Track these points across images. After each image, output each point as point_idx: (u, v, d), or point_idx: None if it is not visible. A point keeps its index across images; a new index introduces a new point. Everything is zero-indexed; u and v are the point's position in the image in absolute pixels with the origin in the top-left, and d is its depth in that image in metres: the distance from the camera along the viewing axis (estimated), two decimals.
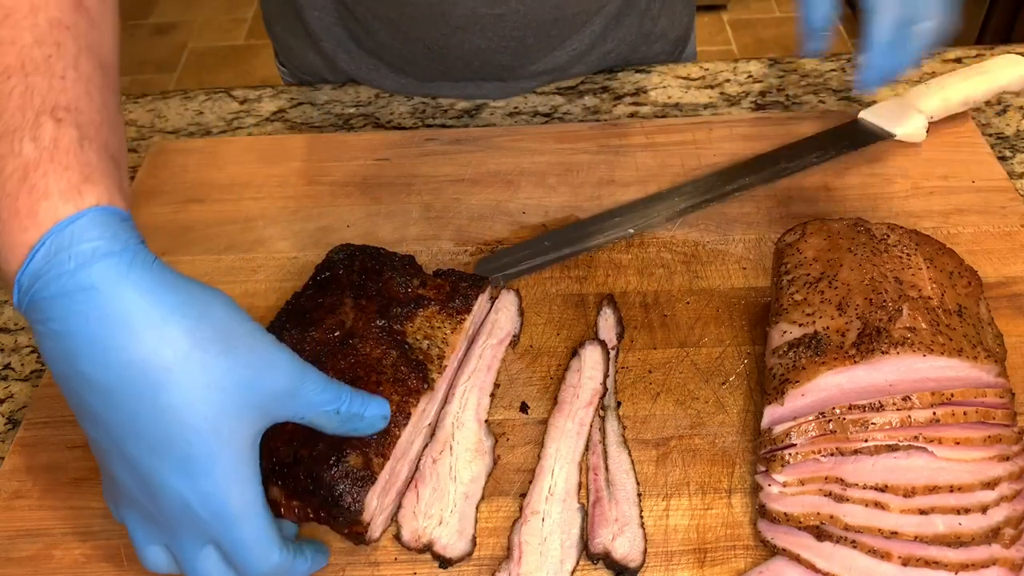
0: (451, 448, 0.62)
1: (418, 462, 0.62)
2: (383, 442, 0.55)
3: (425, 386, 0.59)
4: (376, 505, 0.55)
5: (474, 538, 0.58)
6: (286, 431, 0.55)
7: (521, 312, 0.71)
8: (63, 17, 0.51)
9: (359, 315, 0.63)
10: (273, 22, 1.03)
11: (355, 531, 0.55)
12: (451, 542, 0.57)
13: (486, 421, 0.64)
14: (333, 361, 0.59)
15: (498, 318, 0.70)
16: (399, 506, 0.59)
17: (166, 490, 0.46)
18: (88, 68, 0.51)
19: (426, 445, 0.63)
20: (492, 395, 0.66)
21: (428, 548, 0.57)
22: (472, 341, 0.69)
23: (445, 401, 0.65)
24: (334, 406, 0.51)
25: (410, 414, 0.57)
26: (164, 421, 0.45)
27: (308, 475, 0.54)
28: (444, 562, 0.57)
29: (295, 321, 0.63)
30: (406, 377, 0.59)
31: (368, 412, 0.53)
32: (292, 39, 1.00)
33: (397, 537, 0.58)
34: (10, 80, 0.47)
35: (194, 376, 0.45)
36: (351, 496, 0.53)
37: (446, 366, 0.62)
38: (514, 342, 0.70)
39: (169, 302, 0.45)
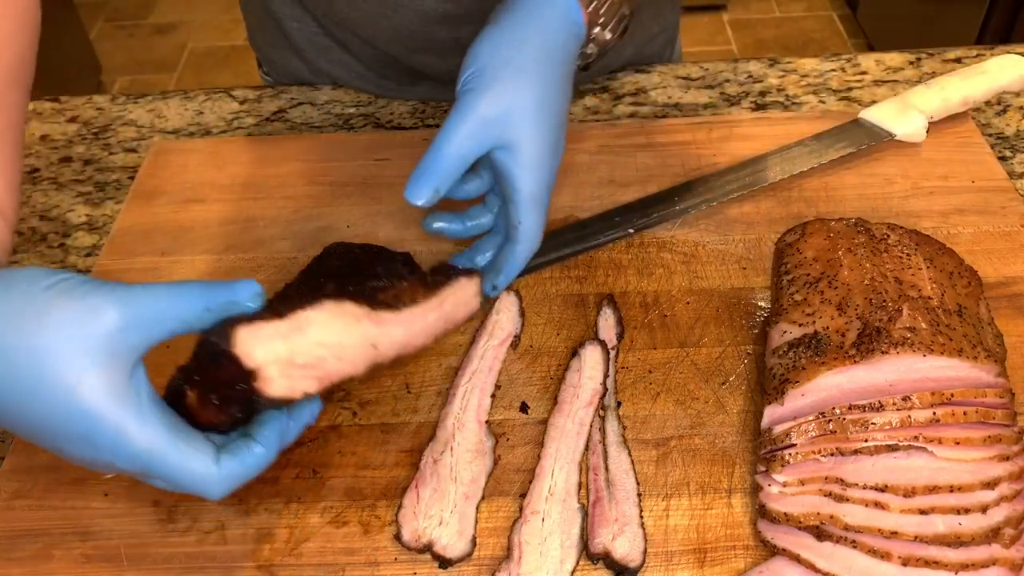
0: (452, 449, 0.62)
1: (419, 463, 0.62)
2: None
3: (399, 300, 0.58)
4: (265, 355, 0.49)
5: (474, 538, 0.58)
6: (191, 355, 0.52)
7: (522, 312, 0.71)
8: None
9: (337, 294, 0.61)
10: (255, 34, 1.03)
11: (238, 376, 0.49)
12: (451, 542, 0.57)
13: (487, 422, 0.64)
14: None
15: (499, 319, 0.70)
16: (329, 392, 0.56)
17: (88, 461, 0.47)
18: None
19: (430, 441, 0.63)
20: (492, 396, 0.66)
21: (428, 548, 0.57)
22: (473, 342, 0.69)
23: (404, 355, 0.62)
24: (200, 306, 0.48)
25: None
26: (34, 411, 0.46)
27: (199, 348, 0.51)
28: (444, 562, 0.57)
29: (270, 309, 0.59)
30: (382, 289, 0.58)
31: (239, 295, 0.49)
32: (274, 51, 1.01)
33: (397, 537, 0.58)
34: None
35: (22, 359, 0.45)
36: (218, 335, 0.48)
37: (416, 307, 0.59)
38: (515, 343, 0.70)
39: None
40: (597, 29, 0.67)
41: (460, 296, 0.65)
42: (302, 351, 0.51)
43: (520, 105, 0.62)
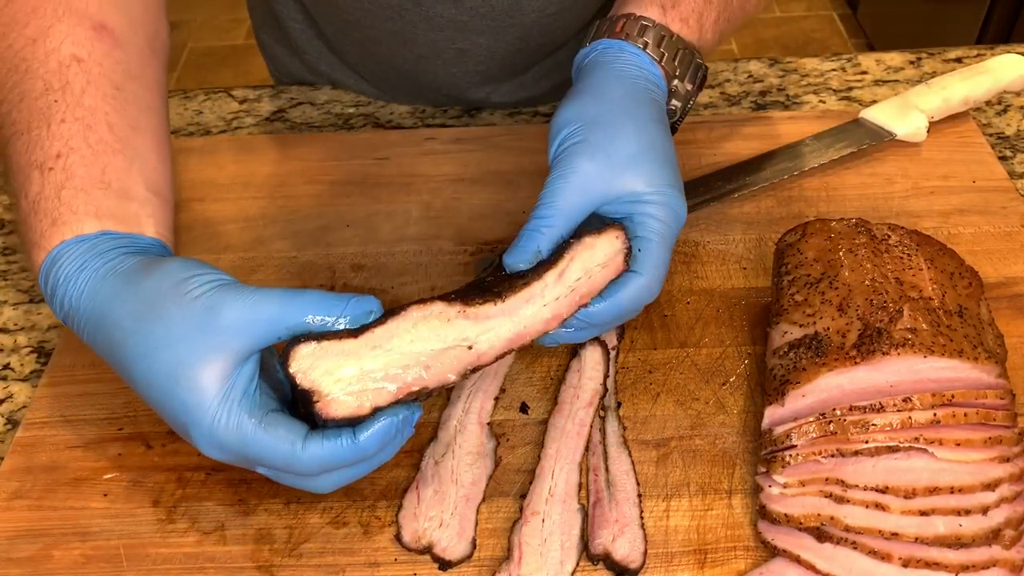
0: (453, 451, 0.62)
1: (419, 464, 0.62)
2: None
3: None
4: (319, 372, 0.49)
5: (474, 540, 0.58)
6: None
7: None
8: (77, 51, 0.58)
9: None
10: (260, 31, 1.04)
11: (311, 408, 0.49)
12: (451, 544, 0.57)
13: (488, 424, 0.64)
14: None
15: None
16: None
17: (205, 450, 0.50)
18: (95, 99, 0.57)
19: (431, 443, 0.63)
20: (496, 399, 0.66)
21: (428, 550, 0.57)
22: None
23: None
24: (309, 313, 0.49)
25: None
26: (153, 399, 0.50)
27: None
28: (444, 564, 0.57)
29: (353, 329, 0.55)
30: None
31: (353, 310, 0.50)
32: (278, 48, 1.02)
33: (397, 538, 0.58)
34: (20, 139, 0.56)
35: (141, 347, 0.50)
36: (284, 352, 0.49)
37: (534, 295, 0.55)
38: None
39: (109, 297, 0.51)
40: (676, 82, 0.65)
41: (595, 255, 0.57)
42: (377, 368, 0.49)
43: (622, 160, 0.58)
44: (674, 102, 0.65)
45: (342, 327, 0.49)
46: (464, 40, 0.86)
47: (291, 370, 0.49)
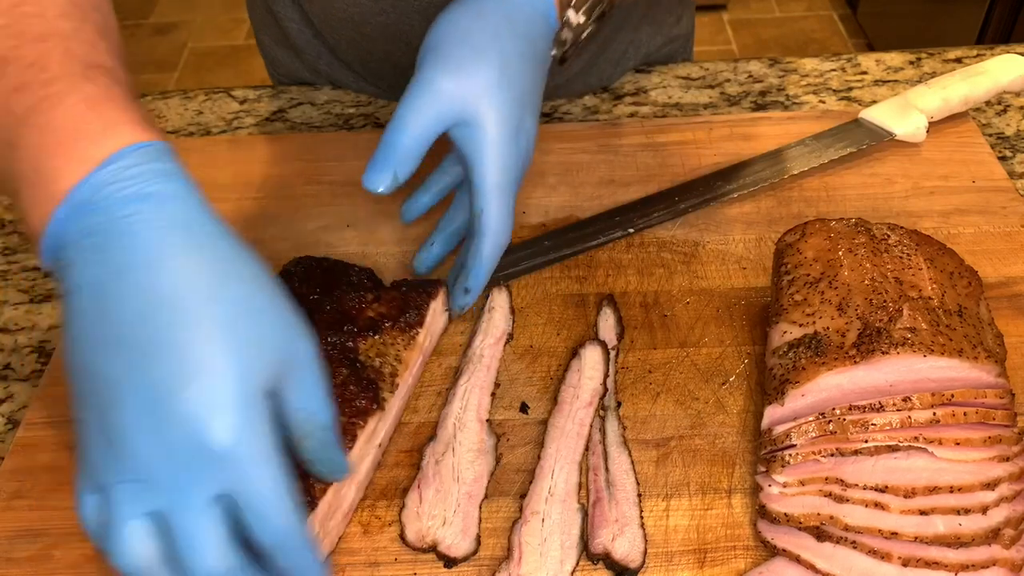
0: (453, 449, 0.62)
1: (420, 462, 0.62)
2: None
3: (375, 407, 0.58)
4: (318, 530, 0.54)
5: (478, 537, 0.58)
6: None
7: (512, 310, 0.71)
8: (79, 1, 0.52)
9: (311, 331, 0.62)
10: (260, 32, 1.04)
11: None
12: (455, 542, 0.57)
13: (487, 420, 0.64)
14: None
15: (492, 316, 0.70)
16: (347, 517, 0.59)
17: (181, 430, 0.41)
18: (112, 46, 0.51)
19: (427, 453, 0.63)
20: (493, 394, 0.66)
21: (433, 548, 0.57)
22: (469, 342, 0.69)
23: (398, 420, 0.64)
24: (323, 418, 0.47)
25: (356, 436, 0.56)
26: (181, 356, 0.42)
27: None
28: (449, 561, 0.57)
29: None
30: (355, 397, 0.58)
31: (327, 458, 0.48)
32: (277, 48, 1.02)
33: (401, 537, 0.58)
34: (47, 42, 0.48)
35: (208, 319, 0.43)
36: None
37: (398, 384, 0.61)
38: (508, 339, 0.70)
39: (203, 246, 0.45)
40: (570, 12, 0.63)
41: (434, 324, 0.68)
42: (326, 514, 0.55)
43: (478, 79, 0.59)
44: (565, 32, 0.64)
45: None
46: None
47: None
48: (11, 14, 0.49)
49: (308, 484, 0.53)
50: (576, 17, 0.63)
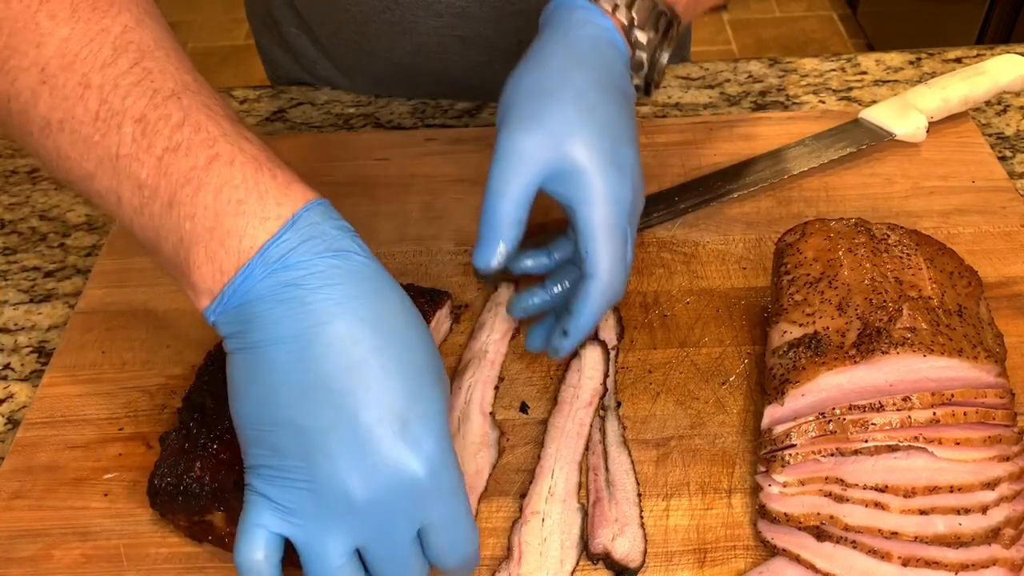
0: (457, 441, 0.62)
1: None
2: None
3: None
4: None
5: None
6: (225, 458, 0.55)
7: None
8: (180, 51, 0.52)
9: None
10: (259, 35, 1.04)
11: (296, 556, 0.54)
12: None
13: (490, 413, 0.64)
14: None
15: (499, 312, 0.70)
16: None
17: (394, 471, 0.44)
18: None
19: None
20: (496, 388, 0.66)
21: None
22: (472, 336, 0.69)
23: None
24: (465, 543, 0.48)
25: None
26: (390, 402, 0.45)
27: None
28: None
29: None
30: None
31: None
32: (276, 51, 1.02)
33: None
34: (182, 99, 0.47)
35: (409, 364, 0.46)
36: None
37: None
38: (515, 335, 0.70)
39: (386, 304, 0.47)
40: (636, 32, 0.59)
41: (437, 332, 0.68)
42: None
43: (557, 123, 0.55)
44: (639, 54, 0.60)
45: None
46: (465, 27, 0.85)
47: None
48: (135, 71, 0.48)
49: None
50: (643, 35, 0.60)
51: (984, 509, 0.53)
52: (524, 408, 0.66)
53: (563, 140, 0.55)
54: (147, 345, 0.71)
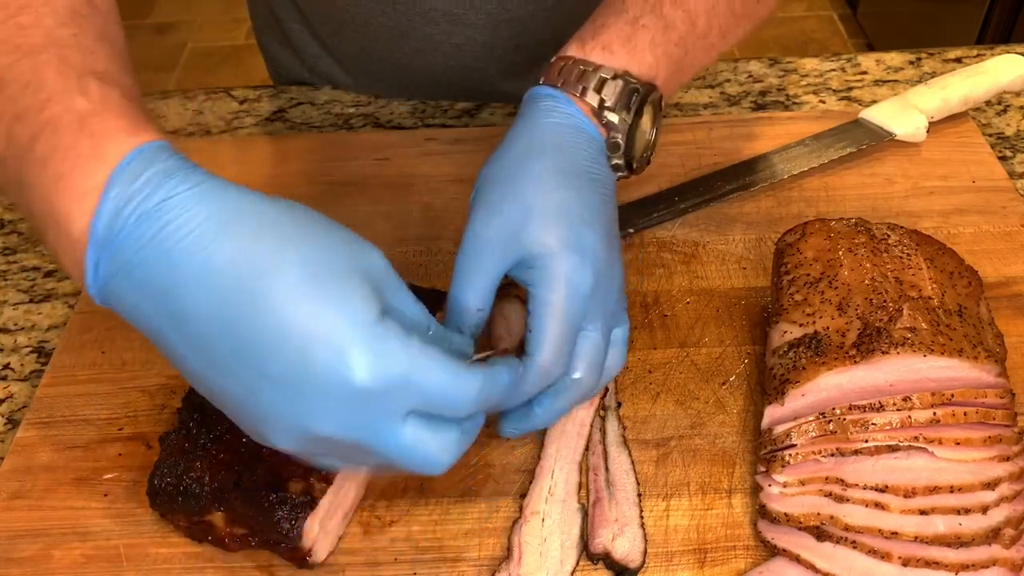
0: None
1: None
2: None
3: None
4: (318, 530, 0.54)
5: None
6: (225, 458, 0.55)
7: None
8: (79, 7, 0.51)
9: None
10: (260, 32, 1.04)
11: (297, 556, 0.55)
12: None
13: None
14: None
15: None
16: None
17: (330, 390, 0.41)
18: (112, 49, 0.50)
19: None
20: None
21: None
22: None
23: None
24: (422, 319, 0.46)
25: None
26: (289, 335, 0.41)
27: (249, 501, 0.54)
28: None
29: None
30: None
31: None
32: (278, 49, 1.02)
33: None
34: (42, 54, 0.46)
35: (290, 263, 0.42)
36: (290, 523, 0.53)
37: None
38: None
39: (253, 201, 0.44)
40: (607, 114, 0.58)
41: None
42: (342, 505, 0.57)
43: (514, 213, 0.54)
44: (613, 135, 0.59)
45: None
46: (460, 34, 0.85)
47: (304, 545, 0.54)
48: (6, 26, 0.47)
49: (308, 484, 0.53)
50: (614, 116, 0.58)
51: (984, 509, 0.53)
52: None
53: (521, 228, 0.54)
54: (147, 345, 0.69)
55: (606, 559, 0.56)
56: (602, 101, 0.58)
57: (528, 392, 0.53)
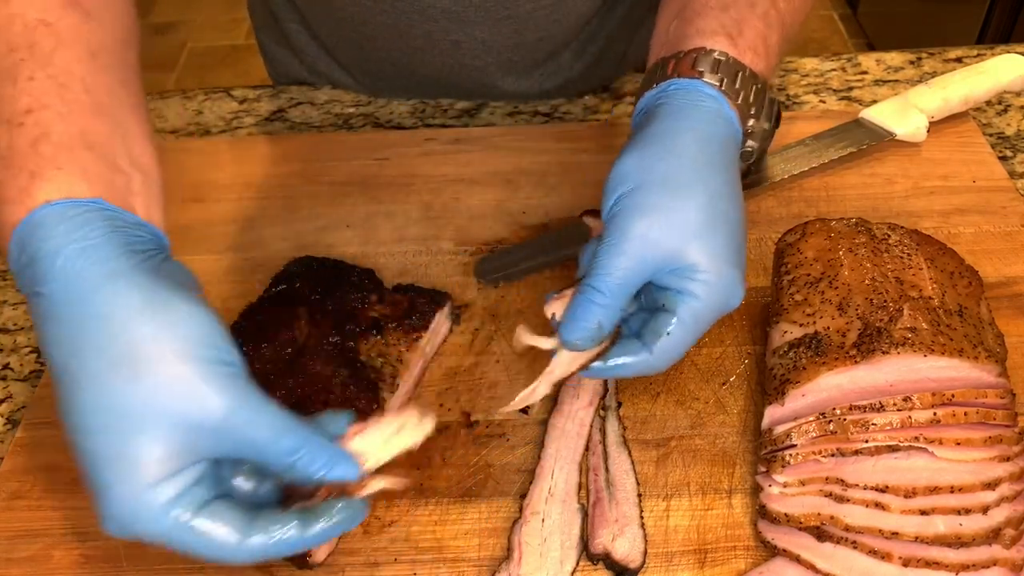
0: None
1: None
2: None
3: (375, 407, 0.58)
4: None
5: None
6: None
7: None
8: (46, 15, 0.51)
9: (313, 331, 0.62)
10: (260, 32, 1.04)
11: (297, 556, 0.55)
12: None
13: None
14: (282, 379, 0.59)
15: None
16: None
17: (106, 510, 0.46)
18: (67, 60, 0.50)
19: None
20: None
21: None
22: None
23: None
24: (288, 459, 0.46)
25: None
26: (83, 439, 0.47)
27: None
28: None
29: (248, 336, 0.62)
30: (355, 397, 0.58)
31: (330, 475, 0.47)
32: (277, 49, 1.02)
33: None
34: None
35: (107, 379, 0.45)
36: None
37: (399, 385, 0.62)
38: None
39: (100, 301, 0.45)
40: (752, 121, 0.58)
41: (436, 332, 0.68)
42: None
43: (689, 226, 0.52)
44: (749, 143, 0.59)
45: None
46: (459, 32, 0.85)
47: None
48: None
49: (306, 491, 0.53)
50: (760, 124, 0.58)
51: (985, 509, 0.53)
52: (525, 408, 0.65)
53: (689, 245, 0.52)
54: None
55: (606, 559, 0.56)
56: (751, 108, 0.57)
57: (623, 375, 0.55)
